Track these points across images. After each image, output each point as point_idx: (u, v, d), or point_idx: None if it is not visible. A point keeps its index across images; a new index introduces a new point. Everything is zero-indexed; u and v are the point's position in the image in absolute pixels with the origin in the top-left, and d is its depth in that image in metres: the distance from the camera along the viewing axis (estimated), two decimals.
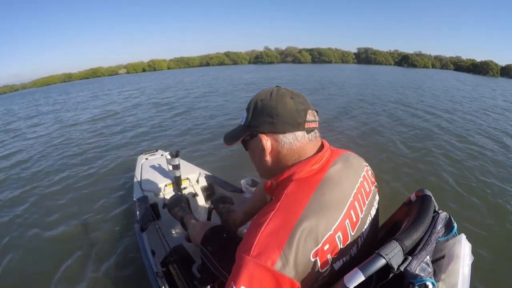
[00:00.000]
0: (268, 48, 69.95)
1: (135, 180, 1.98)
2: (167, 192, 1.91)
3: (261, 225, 0.51)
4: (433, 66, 52.44)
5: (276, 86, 0.64)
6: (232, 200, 1.43)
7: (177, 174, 1.78)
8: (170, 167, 1.76)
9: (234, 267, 0.51)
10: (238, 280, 0.48)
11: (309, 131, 0.61)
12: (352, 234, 0.55)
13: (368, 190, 0.63)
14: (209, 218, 1.54)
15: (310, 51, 64.19)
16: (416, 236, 0.50)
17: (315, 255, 0.50)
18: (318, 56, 62.01)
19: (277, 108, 0.59)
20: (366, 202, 0.61)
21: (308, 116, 0.60)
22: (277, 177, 0.61)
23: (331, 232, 0.52)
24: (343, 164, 0.63)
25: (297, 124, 0.60)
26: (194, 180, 2.03)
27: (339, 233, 0.53)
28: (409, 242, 0.49)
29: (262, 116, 0.61)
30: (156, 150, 2.41)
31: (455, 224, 0.58)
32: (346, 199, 0.57)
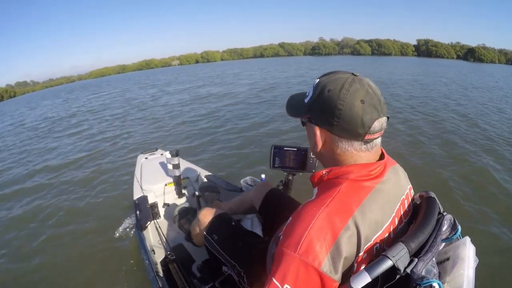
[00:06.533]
0: (323, 39, 64.64)
1: (134, 179, 1.97)
2: (167, 191, 1.90)
3: (309, 221, 0.49)
4: (498, 61, 47.20)
5: (353, 74, 0.55)
6: (218, 189, 1.41)
7: (177, 173, 1.78)
8: (170, 167, 1.75)
9: (276, 263, 0.49)
10: (282, 278, 0.46)
11: (367, 142, 0.55)
12: (385, 249, 0.54)
13: (407, 209, 0.61)
14: (198, 206, 1.55)
15: (369, 42, 59.09)
16: (422, 238, 0.51)
17: (357, 261, 0.50)
18: (377, 48, 57.46)
19: (342, 109, 0.52)
20: (404, 221, 0.60)
21: (373, 127, 0.52)
22: (331, 171, 0.58)
23: (371, 242, 0.51)
24: (394, 177, 0.60)
25: (356, 134, 0.53)
26: (194, 179, 2.03)
27: (378, 245, 0.52)
28: (415, 244, 0.49)
29: (323, 110, 0.54)
30: (156, 150, 2.40)
31: (459, 227, 0.58)
32: (391, 213, 0.56)
